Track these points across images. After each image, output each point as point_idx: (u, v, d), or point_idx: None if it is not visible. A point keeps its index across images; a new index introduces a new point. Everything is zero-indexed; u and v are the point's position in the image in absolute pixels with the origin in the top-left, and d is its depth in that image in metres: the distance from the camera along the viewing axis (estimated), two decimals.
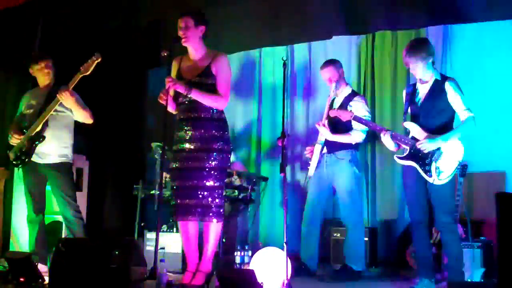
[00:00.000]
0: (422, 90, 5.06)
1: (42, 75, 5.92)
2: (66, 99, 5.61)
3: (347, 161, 5.90)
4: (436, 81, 5.01)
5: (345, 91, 6.04)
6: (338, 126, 5.81)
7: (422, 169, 4.92)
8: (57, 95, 5.58)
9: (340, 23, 7.25)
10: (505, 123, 6.48)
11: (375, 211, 7.09)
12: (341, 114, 5.58)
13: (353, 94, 6.06)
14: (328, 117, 5.83)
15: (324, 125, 5.84)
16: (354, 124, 5.72)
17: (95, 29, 7.69)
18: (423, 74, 5.01)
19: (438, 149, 4.87)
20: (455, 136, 4.89)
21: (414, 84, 5.17)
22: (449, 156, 4.86)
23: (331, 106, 6.02)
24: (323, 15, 7.23)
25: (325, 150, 5.94)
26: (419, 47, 5.01)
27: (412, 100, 5.10)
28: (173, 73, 5.08)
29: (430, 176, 4.88)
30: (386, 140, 5.11)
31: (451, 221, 4.99)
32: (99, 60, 5.52)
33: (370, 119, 5.88)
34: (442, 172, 4.85)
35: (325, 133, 5.85)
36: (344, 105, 5.90)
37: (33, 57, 6.02)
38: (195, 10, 5.05)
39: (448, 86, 4.94)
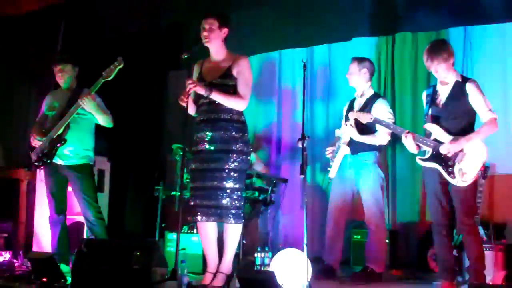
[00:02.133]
0: (443, 92, 5.04)
1: (58, 79, 5.98)
2: (88, 104, 5.65)
3: (372, 163, 5.88)
4: (457, 82, 4.99)
5: (368, 92, 6.02)
6: (363, 127, 5.76)
7: (445, 171, 4.90)
8: (79, 100, 5.62)
9: (360, 24, 7.25)
10: None
11: (395, 213, 7.07)
12: (360, 116, 5.55)
13: (376, 96, 6.04)
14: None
15: (351, 125, 5.79)
16: (380, 125, 5.69)
17: (116, 32, 7.74)
18: (444, 76, 4.99)
19: (461, 150, 4.85)
20: (478, 138, 4.86)
21: (435, 86, 5.15)
22: (472, 158, 4.83)
23: (352, 107, 6.01)
24: (343, 17, 7.23)
25: (348, 151, 5.90)
26: (440, 48, 4.98)
27: (433, 102, 5.08)
28: (195, 75, 5.10)
29: (454, 177, 4.86)
30: (408, 142, 5.09)
31: (473, 223, 4.96)
32: (121, 65, 5.56)
33: (393, 121, 5.84)
34: (466, 173, 4.82)
35: (352, 133, 5.80)
36: (367, 107, 5.86)
37: (55, 59, 6.09)
38: (220, 12, 5.07)
39: (469, 88, 4.92)
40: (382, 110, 5.81)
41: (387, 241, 6.30)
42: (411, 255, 6.74)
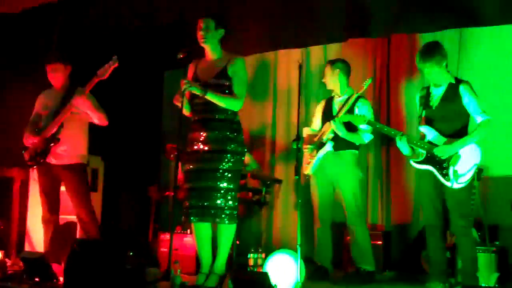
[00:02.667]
0: (437, 94, 5.06)
1: (53, 77, 5.94)
2: (83, 104, 5.64)
3: (352, 162, 5.86)
4: (450, 84, 5.00)
5: (348, 92, 5.98)
6: (348, 124, 5.72)
7: (439, 173, 4.91)
8: (72, 100, 5.61)
9: (355, 26, 7.25)
10: None
11: (389, 215, 7.07)
12: (354, 118, 5.52)
13: (357, 96, 6.02)
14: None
15: (340, 122, 5.68)
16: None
17: (111, 30, 7.73)
18: (437, 78, 5.00)
19: (456, 153, 4.86)
20: (472, 141, 4.87)
21: (428, 88, 5.16)
22: (466, 160, 4.85)
23: (330, 108, 5.96)
24: (339, 18, 7.23)
25: (330, 148, 5.86)
26: (432, 51, 5.00)
27: (427, 104, 5.09)
28: (190, 74, 5.10)
29: (448, 180, 4.87)
30: (402, 144, 5.09)
31: (466, 225, 4.98)
32: (116, 65, 5.55)
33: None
34: (460, 176, 4.84)
35: (340, 130, 5.70)
36: (350, 107, 5.81)
37: (49, 58, 6.06)
38: (217, 13, 5.07)
39: (462, 89, 4.94)
40: (365, 109, 5.78)
41: (379, 242, 6.31)
42: (404, 257, 6.74)
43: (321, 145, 5.84)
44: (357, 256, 5.84)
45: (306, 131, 6.13)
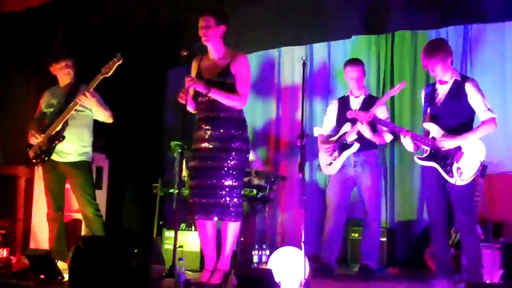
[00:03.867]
0: (442, 91, 5.04)
1: (63, 74, 5.97)
2: (87, 101, 5.66)
3: (374, 161, 5.89)
4: (455, 81, 4.99)
5: (365, 92, 6.00)
6: (371, 125, 5.71)
7: (443, 170, 4.90)
8: (77, 97, 5.62)
9: (359, 23, 7.23)
10: None
11: (393, 212, 7.07)
12: (359, 115, 5.54)
13: (373, 97, 6.03)
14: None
15: (366, 124, 5.65)
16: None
17: (115, 29, 7.73)
18: (442, 75, 4.99)
19: (460, 149, 4.85)
20: (475, 136, 4.86)
21: (433, 84, 5.15)
22: (470, 156, 4.83)
23: (347, 106, 5.96)
24: (343, 15, 7.21)
25: (356, 149, 5.87)
26: (437, 47, 4.98)
27: (432, 101, 5.08)
28: (193, 72, 5.09)
29: (452, 176, 4.86)
30: (406, 141, 5.09)
31: (470, 222, 4.97)
32: (120, 62, 5.55)
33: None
34: (464, 172, 4.82)
35: (365, 132, 5.69)
36: (366, 107, 5.81)
37: (54, 56, 6.08)
38: (216, 9, 5.06)
39: (468, 87, 4.92)
40: (381, 110, 5.77)
41: (384, 239, 6.33)
42: (408, 254, 6.75)
43: (345, 146, 5.84)
44: (366, 251, 5.84)
45: (317, 131, 6.14)
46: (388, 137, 5.84)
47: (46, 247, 5.97)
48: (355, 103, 5.95)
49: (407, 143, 5.10)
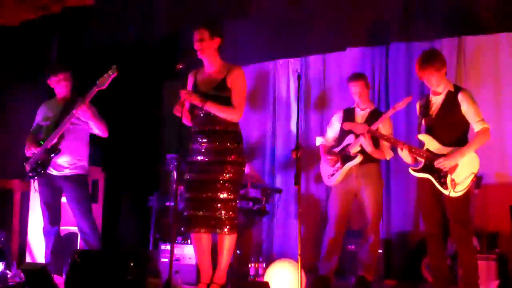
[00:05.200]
0: (436, 102, 5.06)
1: (60, 87, 5.97)
2: (83, 114, 5.66)
3: (376, 172, 5.88)
4: (449, 92, 5.01)
5: (370, 106, 6.00)
6: (373, 140, 5.71)
7: (437, 182, 4.91)
8: (74, 110, 5.63)
9: (354, 35, 7.28)
10: None
11: (390, 223, 7.07)
12: (355, 127, 5.55)
13: (378, 111, 6.02)
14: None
15: (368, 138, 5.63)
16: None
17: (111, 42, 7.75)
18: (436, 85, 5.01)
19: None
20: (471, 150, 4.87)
21: (427, 96, 5.17)
22: (464, 168, 4.84)
23: (351, 118, 5.96)
24: (337, 27, 7.26)
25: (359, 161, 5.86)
26: (431, 58, 5.00)
27: (426, 112, 5.09)
28: (189, 86, 5.11)
29: (446, 188, 4.86)
30: (404, 154, 5.10)
31: (466, 233, 4.97)
32: (116, 74, 5.56)
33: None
34: (458, 184, 4.83)
35: (367, 146, 5.67)
36: (370, 121, 5.81)
37: (52, 68, 6.08)
38: (211, 22, 5.08)
39: (461, 97, 4.94)
40: (385, 125, 5.77)
41: (380, 251, 6.32)
42: (405, 265, 6.74)
43: (348, 157, 5.84)
44: (364, 264, 5.82)
45: (319, 141, 6.15)
46: (389, 154, 5.84)
47: (42, 261, 5.96)
48: (360, 116, 5.95)
49: (404, 155, 5.11)
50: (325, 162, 5.99)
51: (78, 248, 6.32)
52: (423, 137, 5.05)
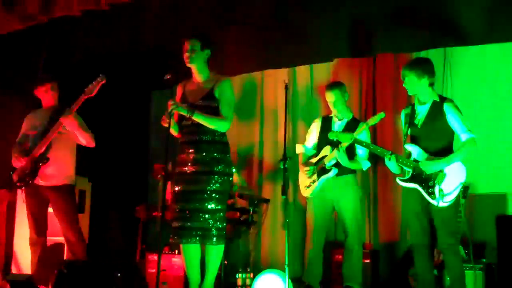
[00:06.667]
0: (421, 112, 5.09)
1: (48, 97, 5.98)
2: (70, 124, 5.65)
3: (353, 183, 5.89)
4: (434, 102, 5.04)
5: (348, 115, 6.01)
6: (348, 151, 5.72)
7: (425, 192, 4.92)
8: (60, 119, 5.62)
9: (341, 45, 7.31)
10: (507, 145, 6.50)
11: (376, 233, 7.08)
12: (340, 136, 5.55)
13: (356, 120, 6.04)
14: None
15: (343, 152, 5.64)
16: (358, 150, 5.71)
17: (99, 52, 7.74)
18: (419, 93, 5.04)
19: (441, 171, 4.88)
20: (457, 159, 4.89)
21: (413, 106, 5.19)
22: (452, 178, 4.86)
23: (328, 127, 5.97)
24: (325, 38, 7.29)
25: (334, 173, 5.87)
26: (417, 63, 5.10)
27: (412, 122, 5.12)
28: (178, 96, 5.12)
29: (434, 198, 4.88)
30: (391, 164, 5.11)
31: (453, 243, 4.99)
32: (103, 82, 5.56)
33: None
34: (446, 194, 4.85)
35: (343, 159, 5.68)
36: (347, 130, 5.82)
37: (39, 79, 6.08)
38: (203, 34, 5.09)
39: (446, 107, 4.96)
40: (364, 134, 5.78)
41: (367, 261, 6.32)
42: (392, 275, 6.75)
43: (323, 170, 5.84)
44: (349, 275, 5.83)
45: (299, 149, 6.15)
46: (365, 164, 5.86)
47: (28, 272, 5.93)
48: (337, 125, 5.97)
49: (391, 165, 5.12)
50: (302, 174, 6.00)
51: (65, 258, 6.29)
52: (409, 146, 5.06)
